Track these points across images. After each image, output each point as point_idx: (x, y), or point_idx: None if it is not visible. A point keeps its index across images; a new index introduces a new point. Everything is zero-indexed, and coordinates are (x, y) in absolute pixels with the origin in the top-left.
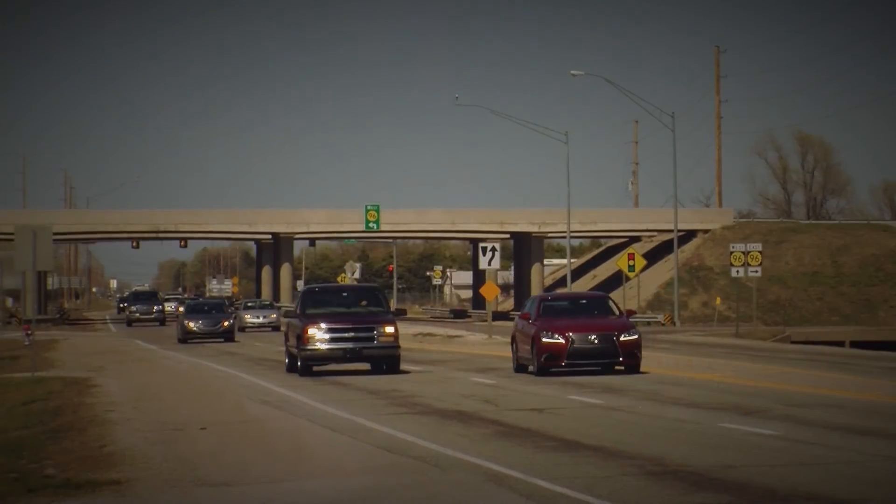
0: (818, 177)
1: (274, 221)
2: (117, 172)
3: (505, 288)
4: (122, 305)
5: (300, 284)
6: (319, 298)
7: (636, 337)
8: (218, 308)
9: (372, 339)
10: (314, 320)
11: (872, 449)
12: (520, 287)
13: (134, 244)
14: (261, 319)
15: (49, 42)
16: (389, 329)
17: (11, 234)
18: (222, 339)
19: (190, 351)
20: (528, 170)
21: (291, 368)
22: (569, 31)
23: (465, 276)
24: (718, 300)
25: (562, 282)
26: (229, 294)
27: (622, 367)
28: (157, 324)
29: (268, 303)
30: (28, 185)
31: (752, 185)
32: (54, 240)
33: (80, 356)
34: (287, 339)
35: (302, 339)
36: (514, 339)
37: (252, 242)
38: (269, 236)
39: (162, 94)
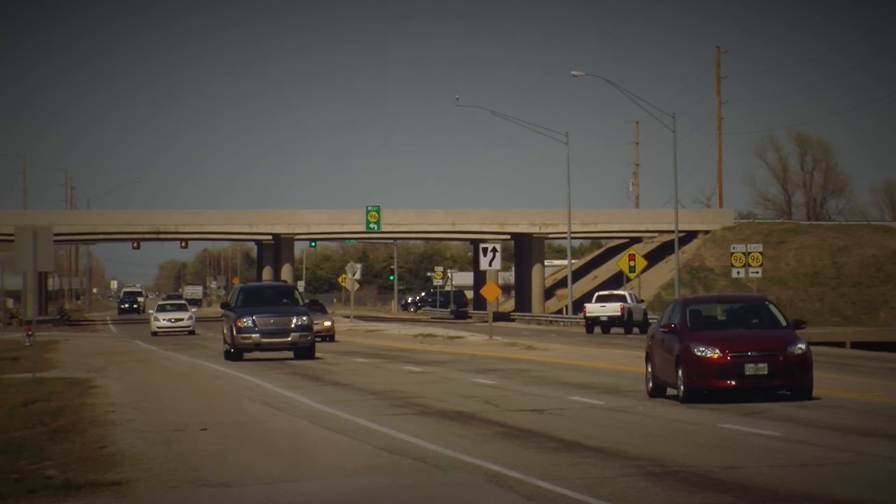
0: (818, 177)
1: (274, 222)
2: (118, 173)
3: (506, 289)
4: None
5: (301, 285)
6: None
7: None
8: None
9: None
10: None
11: (873, 449)
12: (520, 288)
13: (135, 245)
14: None
15: (49, 41)
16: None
17: (12, 234)
18: None
19: (190, 351)
20: (528, 170)
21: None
22: (569, 31)
23: (466, 277)
24: None
25: (562, 283)
26: (199, 298)
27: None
28: (292, 355)
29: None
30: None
31: (753, 186)
32: (55, 240)
33: (80, 357)
34: None
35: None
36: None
37: (253, 243)
38: (270, 237)
39: (162, 94)
